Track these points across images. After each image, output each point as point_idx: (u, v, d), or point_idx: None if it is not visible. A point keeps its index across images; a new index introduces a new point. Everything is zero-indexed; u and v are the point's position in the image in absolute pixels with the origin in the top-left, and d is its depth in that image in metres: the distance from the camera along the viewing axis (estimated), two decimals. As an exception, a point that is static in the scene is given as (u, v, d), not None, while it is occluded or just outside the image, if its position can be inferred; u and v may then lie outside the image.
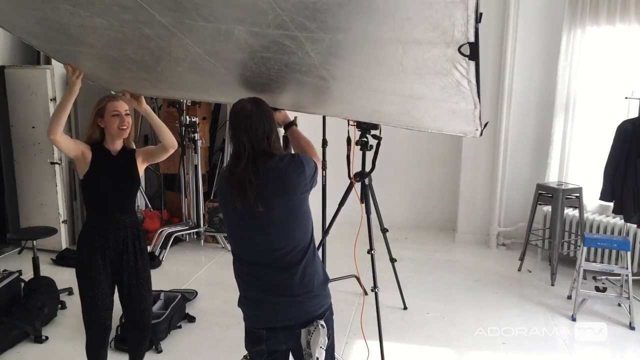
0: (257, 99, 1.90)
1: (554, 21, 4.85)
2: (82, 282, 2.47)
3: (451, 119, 2.05)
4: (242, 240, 1.91)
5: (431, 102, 1.93)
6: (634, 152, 3.90)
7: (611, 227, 4.48)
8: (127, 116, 2.49)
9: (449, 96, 1.77)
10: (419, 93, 1.85)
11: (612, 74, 4.58)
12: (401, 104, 2.04)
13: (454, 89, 1.68)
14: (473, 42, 1.35)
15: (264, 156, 1.84)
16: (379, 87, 1.93)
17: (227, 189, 1.86)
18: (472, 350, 3.40)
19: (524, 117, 5.13)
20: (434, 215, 5.88)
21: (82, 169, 2.43)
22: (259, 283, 1.89)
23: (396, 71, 1.70)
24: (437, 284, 4.42)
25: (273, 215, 1.83)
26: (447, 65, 1.53)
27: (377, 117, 2.43)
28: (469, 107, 1.82)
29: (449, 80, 1.62)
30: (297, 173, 1.86)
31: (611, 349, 3.45)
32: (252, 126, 1.83)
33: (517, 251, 5.01)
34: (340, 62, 1.73)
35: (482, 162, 5.28)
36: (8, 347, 3.25)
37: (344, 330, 3.56)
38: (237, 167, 1.83)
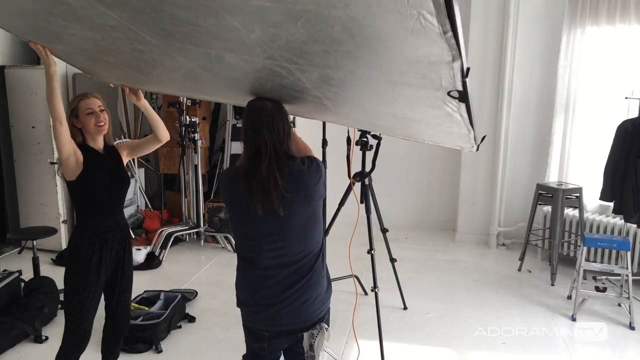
0: (275, 100, 1.87)
1: (554, 21, 4.85)
2: (74, 285, 2.38)
3: (446, 138, 2.07)
4: (258, 244, 1.86)
5: (426, 125, 1.95)
6: (634, 152, 3.90)
7: (611, 227, 4.48)
8: (103, 112, 2.41)
9: (442, 122, 1.77)
10: (413, 117, 1.87)
11: (612, 74, 4.58)
12: (397, 122, 2.06)
13: (446, 118, 1.68)
14: (461, 91, 1.37)
15: (286, 157, 1.81)
16: (374, 109, 1.95)
17: (246, 191, 1.79)
18: (472, 350, 3.40)
19: (524, 117, 5.13)
20: (434, 215, 5.88)
21: (73, 170, 2.32)
22: (269, 287, 1.86)
23: (389, 100, 1.70)
24: (437, 284, 4.42)
25: (295, 220, 1.81)
26: (438, 102, 1.53)
27: (376, 128, 2.44)
28: (462, 132, 1.83)
29: (441, 112, 1.62)
30: (316, 178, 1.84)
31: (611, 349, 3.45)
32: (274, 125, 1.79)
33: (517, 251, 5.01)
34: (333, 89, 1.72)
35: (482, 162, 5.28)
36: (8, 347, 3.25)
37: (344, 331, 3.55)
38: (257, 167, 1.77)
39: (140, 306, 3.54)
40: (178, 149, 5.35)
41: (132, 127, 6.02)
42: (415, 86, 1.48)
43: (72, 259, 2.39)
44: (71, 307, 2.40)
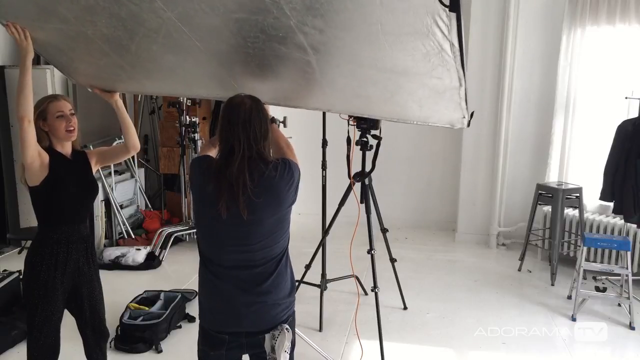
0: (255, 97, 1.82)
1: (554, 21, 4.85)
2: (36, 299, 2.23)
3: (436, 102, 1.95)
4: (220, 246, 1.82)
5: (414, 79, 1.83)
6: (634, 152, 3.90)
7: (611, 227, 4.48)
8: (73, 116, 2.27)
9: (432, 68, 1.67)
10: (401, 65, 1.76)
11: (612, 74, 4.58)
12: (383, 84, 1.94)
13: (437, 57, 1.58)
14: None
15: (258, 159, 1.76)
16: (360, 58, 1.82)
17: (214, 190, 1.74)
18: (472, 350, 3.40)
19: (524, 117, 5.13)
20: (434, 215, 5.88)
21: (38, 175, 2.17)
22: (228, 288, 1.82)
23: (375, 31, 1.60)
24: (437, 284, 4.42)
25: (260, 225, 1.77)
26: (427, 20, 1.42)
27: (360, 105, 2.27)
28: (453, 84, 1.75)
29: (431, 45, 1.52)
30: (288, 185, 1.79)
31: (611, 349, 3.45)
32: (250, 123, 1.74)
33: (517, 251, 5.01)
34: (319, 22, 1.62)
35: (482, 162, 5.28)
36: (8, 347, 3.25)
37: (344, 331, 3.56)
38: (229, 166, 1.72)
39: (140, 306, 3.54)
40: (178, 148, 5.35)
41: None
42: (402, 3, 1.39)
43: (33, 272, 2.23)
44: (36, 323, 2.24)
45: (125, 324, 3.31)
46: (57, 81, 4.79)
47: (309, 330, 3.49)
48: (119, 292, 3.90)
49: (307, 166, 5.22)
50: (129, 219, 5.35)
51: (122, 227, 5.19)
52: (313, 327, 3.57)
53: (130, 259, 4.62)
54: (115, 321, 3.35)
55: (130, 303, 3.55)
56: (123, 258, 4.62)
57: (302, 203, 6.54)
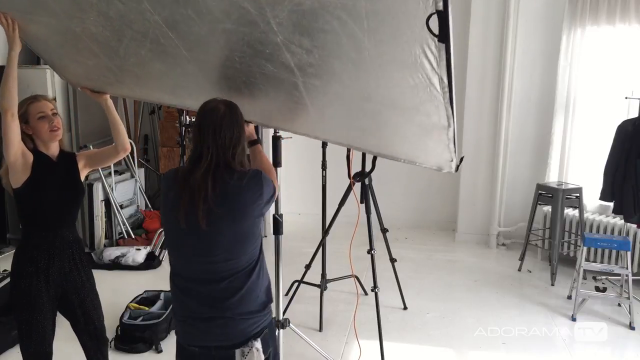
0: (232, 103, 1.76)
1: (554, 21, 4.85)
2: (21, 307, 2.17)
3: (424, 141, 1.87)
4: (182, 257, 1.78)
5: (401, 113, 1.77)
6: (634, 152, 3.90)
7: (611, 227, 4.48)
8: (56, 116, 2.19)
9: (420, 103, 1.60)
10: (388, 97, 1.71)
11: (612, 74, 4.58)
12: (370, 116, 1.89)
13: (425, 92, 1.51)
14: (442, 11, 1.17)
15: (225, 168, 1.69)
16: (347, 85, 1.76)
17: (175, 197, 1.69)
18: (472, 350, 3.40)
19: (524, 117, 5.13)
20: (434, 215, 5.88)
21: (20, 175, 2.10)
22: (196, 300, 1.77)
23: (363, 58, 1.55)
24: (437, 284, 4.42)
25: (220, 237, 1.70)
26: (415, 50, 1.36)
27: (348, 136, 2.20)
28: (442, 122, 1.66)
29: (420, 77, 1.46)
30: (254, 197, 1.72)
31: (611, 349, 3.45)
32: (221, 130, 1.69)
33: (517, 251, 5.01)
34: (306, 42, 1.56)
35: (482, 162, 5.28)
36: (8, 347, 3.26)
37: (343, 331, 3.56)
38: (193, 173, 1.67)
39: (140, 306, 3.54)
40: (178, 148, 5.35)
41: (132, 127, 6.03)
42: (390, 26, 1.34)
43: (16, 280, 2.18)
44: (24, 330, 2.20)
45: (125, 324, 3.31)
46: (57, 81, 4.79)
47: (309, 330, 3.49)
48: (119, 292, 3.90)
49: (307, 166, 5.25)
50: (129, 219, 5.35)
51: (122, 227, 5.19)
52: (313, 327, 3.57)
53: (130, 259, 4.62)
54: (115, 321, 3.35)
55: (130, 303, 3.55)
56: (123, 258, 4.62)
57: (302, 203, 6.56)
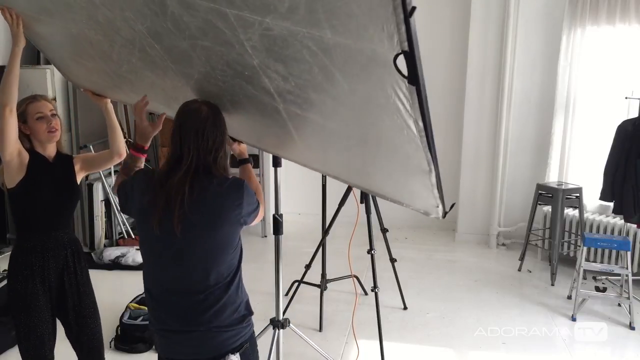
0: (215, 105, 1.69)
1: (554, 21, 4.85)
2: (18, 311, 2.14)
3: (407, 183, 1.79)
4: (156, 265, 1.69)
5: (383, 153, 1.67)
6: (634, 152, 3.90)
7: (611, 227, 4.48)
8: (54, 117, 2.16)
9: (400, 144, 1.51)
10: (367, 135, 1.63)
11: (612, 74, 4.58)
12: (354, 152, 1.81)
13: (402, 133, 1.41)
14: (408, 52, 1.06)
15: (205, 172, 1.62)
16: (327, 120, 1.68)
17: (151, 202, 1.61)
18: (472, 350, 3.40)
19: (524, 117, 5.13)
20: (434, 215, 5.87)
21: (15, 175, 2.07)
22: (171, 312, 1.67)
23: (339, 93, 1.47)
24: (437, 284, 4.42)
25: (195, 245, 1.62)
26: (388, 91, 1.26)
27: (335, 169, 2.08)
28: (423, 167, 1.58)
29: (395, 118, 1.36)
30: (233, 205, 1.63)
31: (611, 349, 3.45)
32: (204, 132, 1.61)
33: (517, 251, 5.01)
34: (281, 68, 1.49)
35: (482, 162, 5.28)
36: (8, 347, 3.25)
37: (343, 331, 3.56)
38: (172, 176, 1.59)
39: (140, 306, 3.54)
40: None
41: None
42: (359, 52, 1.25)
43: (11, 283, 2.15)
44: (22, 334, 2.18)
45: (125, 324, 3.31)
46: (57, 81, 4.79)
47: (309, 330, 3.49)
48: (119, 292, 3.90)
49: (307, 166, 5.25)
50: (129, 219, 5.35)
51: (122, 227, 5.19)
52: (313, 327, 3.57)
53: (130, 259, 4.62)
54: (115, 321, 3.35)
55: (130, 303, 3.55)
56: (123, 258, 4.62)
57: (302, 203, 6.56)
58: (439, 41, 5.48)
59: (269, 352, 2.75)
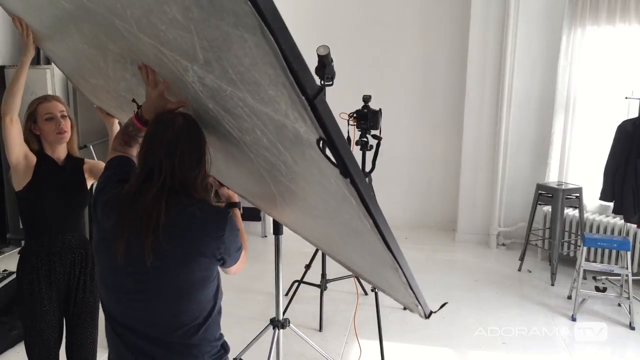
0: (192, 118, 1.45)
1: (554, 21, 4.85)
2: (25, 313, 2.13)
3: (381, 273, 1.59)
4: (116, 300, 1.45)
5: (352, 237, 1.49)
6: (634, 152, 3.90)
7: (611, 227, 4.48)
8: (65, 118, 2.14)
9: (363, 232, 1.31)
10: (333, 216, 1.44)
11: (612, 74, 4.59)
12: (328, 226, 1.62)
13: (360, 223, 1.25)
14: (326, 140, 0.91)
15: (182, 192, 1.38)
16: (292, 184, 1.47)
17: (115, 224, 1.37)
18: (472, 350, 3.40)
19: (524, 117, 5.13)
20: (434, 215, 5.88)
21: (22, 178, 2.06)
22: (133, 352, 1.44)
23: (291, 164, 1.30)
24: (437, 284, 4.42)
25: (164, 281, 1.38)
26: (327, 174, 1.08)
27: (317, 239, 1.88)
28: (388, 260, 1.39)
29: (347, 208, 1.19)
30: (216, 235, 1.39)
31: (611, 349, 3.45)
32: (178, 147, 1.37)
33: (517, 251, 5.01)
34: (231, 120, 1.33)
35: (482, 162, 5.28)
36: (8, 347, 3.26)
37: (343, 331, 3.55)
38: (142, 195, 1.35)
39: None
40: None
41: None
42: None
43: (19, 288, 2.14)
44: (27, 339, 2.15)
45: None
46: (57, 81, 4.79)
47: (309, 330, 3.49)
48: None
49: (307, 166, 5.25)
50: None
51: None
52: (313, 327, 3.57)
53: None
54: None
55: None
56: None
57: (302, 203, 6.51)
58: (439, 41, 5.48)
59: (269, 352, 2.75)
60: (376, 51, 5.60)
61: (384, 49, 5.59)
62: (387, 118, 3.64)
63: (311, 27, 5.52)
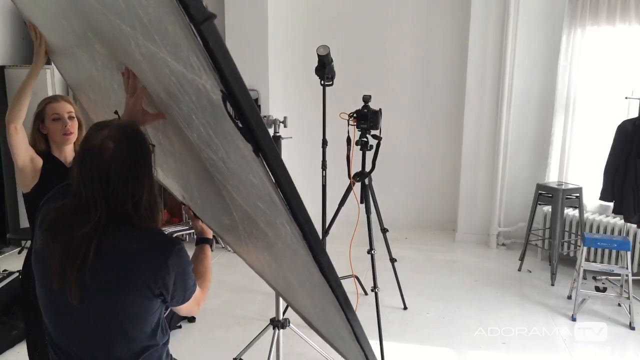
0: (126, 131, 1.24)
1: (554, 21, 4.85)
2: (28, 316, 2.13)
3: (329, 316, 1.33)
4: (49, 312, 1.34)
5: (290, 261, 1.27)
6: (634, 152, 3.90)
7: (611, 227, 4.48)
8: (72, 120, 2.13)
9: (300, 253, 1.06)
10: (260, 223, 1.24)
11: (612, 74, 4.58)
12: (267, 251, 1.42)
13: (297, 239, 1.00)
14: (225, 93, 0.73)
15: (121, 224, 1.24)
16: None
17: (43, 247, 1.28)
18: (472, 350, 3.40)
19: (524, 117, 5.13)
20: (434, 215, 5.88)
21: (29, 180, 2.04)
22: None
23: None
24: (437, 284, 4.42)
25: (90, 310, 1.25)
26: (250, 161, 0.89)
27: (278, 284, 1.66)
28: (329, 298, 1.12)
29: (282, 220, 1.00)
30: (152, 268, 1.23)
31: (611, 349, 3.45)
32: (110, 178, 1.20)
33: (517, 251, 5.01)
34: (210, 152, 1.17)
35: (482, 162, 5.28)
36: (8, 347, 3.26)
37: (344, 330, 3.55)
38: (78, 224, 1.21)
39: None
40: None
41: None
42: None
43: (23, 288, 2.11)
44: (30, 340, 2.15)
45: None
46: (57, 81, 4.79)
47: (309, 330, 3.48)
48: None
49: (307, 166, 5.25)
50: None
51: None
52: (313, 327, 3.57)
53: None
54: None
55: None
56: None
57: (302, 203, 6.53)
58: (439, 41, 5.49)
59: (269, 352, 2.75)
60: (376, 51, 5.60)
61: (384, 49, 5.59)
62: (387, 118, 3.64)
63: (311, 27, 5.53)
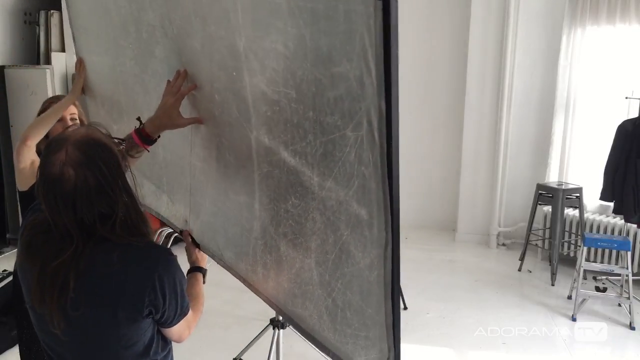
0: (85, 150, 1.12)
1: (554, 21, 4.85)
2: (20, 319, 2.12)
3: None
4: (38, 324, 1.26)
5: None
6: (634, 152, 3.90)
7: (611, 227, 4.48)
8: (74, 121, 2.14)
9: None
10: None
11: (612, 74, 4.58)
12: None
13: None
14: None
15: (100, 245, 1.14)
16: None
17: (23, 268, 1.25)
18: (472, 350, 3.40)
19: (524, 117, 5.12)
20: (434, 215, 5.88)
21: (28, 179, 2.03)
22: None
23: None
24: (437, 284, 4.42)
25: (76, 341, 1.20)
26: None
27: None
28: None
29: None
30: (139, 286, 1.14)
31: (611, 349, 3.45)
32: (75, 207, 1.10)
33: (517, 251, 5.01)
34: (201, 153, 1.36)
35: (483, 162, 5.28)
36: (8, 347, 3.26)
37: (344, 330, 3.55)
38: (56, 252, 1.13)
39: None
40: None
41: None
42: None
43: (16, 290, 2.09)
44: (24, 340, 2.12)
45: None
46: (57, 81, 4.79)
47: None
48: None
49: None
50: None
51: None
52: (313, 327, 3.57)
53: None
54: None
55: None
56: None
57: (302, 203, 6.51)
58: (439, 41, 5.48)
59: (269, 352, 2.75)
60: (376, 51, 5.59)
61: (384, 49, 5.58)
62: (387, 118, 3.63)
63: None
